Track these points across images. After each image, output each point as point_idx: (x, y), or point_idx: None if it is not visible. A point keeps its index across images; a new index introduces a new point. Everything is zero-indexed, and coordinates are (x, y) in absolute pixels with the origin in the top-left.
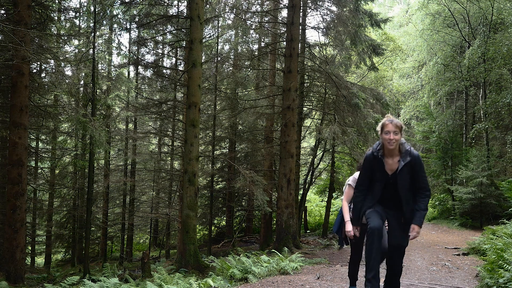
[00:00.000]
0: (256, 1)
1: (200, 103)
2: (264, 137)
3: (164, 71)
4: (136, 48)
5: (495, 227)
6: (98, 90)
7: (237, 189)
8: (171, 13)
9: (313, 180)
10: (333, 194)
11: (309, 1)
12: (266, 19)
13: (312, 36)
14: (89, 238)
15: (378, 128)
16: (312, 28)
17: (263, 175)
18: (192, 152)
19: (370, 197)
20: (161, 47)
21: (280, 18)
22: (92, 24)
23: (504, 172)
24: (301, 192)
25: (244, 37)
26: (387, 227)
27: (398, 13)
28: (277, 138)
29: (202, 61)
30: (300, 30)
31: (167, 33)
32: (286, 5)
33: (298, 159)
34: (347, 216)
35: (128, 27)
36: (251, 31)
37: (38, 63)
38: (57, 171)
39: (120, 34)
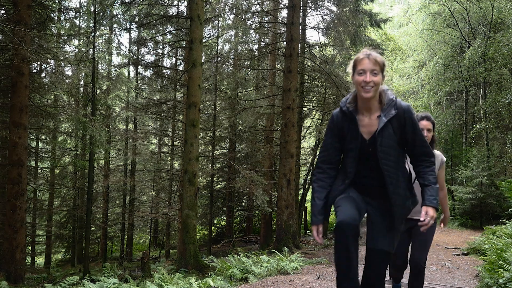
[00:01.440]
0: (256, 1)
1: (200, 103)
2: (264, 137)
3: (164, 71)
4: (136, 48)
5: (495, 227)
6: (98, 90)
7: (237, 189)
8: (171, 13)
9: None
10: None
11: (309, 1)
12: (266, 19)
13: (312, 36)
14: (89, 238)
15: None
16: (312, 28)
17: (263, 175)
18: (192, 152)
19: (341, 178)
20: (161, 47)
21: (280, 18)
22: (92, 24)
23: (504, 172)
24: (301, 192)
25: (244, 37)
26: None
27: (398, 13)
28: (277, 138)
29: (202, 61)
30: (300, 30)
31: (167, 33)
32: (286, 5)
33: (298, 159)
34: None
35: (128, 27)
36: (251, 31)
37: (38, 63)
38: (57, 171)
39: (120, 34)
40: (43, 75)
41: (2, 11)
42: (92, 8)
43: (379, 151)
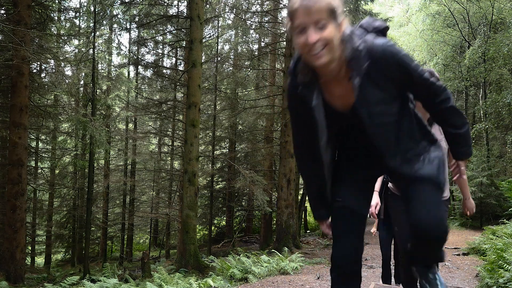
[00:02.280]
0: (256, 1)
1: (200, 103)
2: (264, 137)
3: (164, 71)
4: (136, 48)
5: (495, 227)
6: (98, 90)
7: (237, 189)
8: (171, 13)
9: None
10: None
11: None
12: (266, 19)
13: None
14: (89, 238)
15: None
16: None
17: (263, 175)
18: (192, 152)
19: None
20: (161, 47)
21: (280, 18)
22: (92, 24)
23: (504, 172)
24: (301, 192)
25: (244, 37)
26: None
27: (398, 13)
28: (277, 138)
29: (202, 61)
30: None
31: (167, 33)
32: (286, 5)
33: None
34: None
35: (128, 27)
36: (251, 31)
37: (38, 63)
38: (57, 171)
39: (120, 34)
40: (43, 75)
41: (2, 11)
42: (92, 8)
43: (370, 128)
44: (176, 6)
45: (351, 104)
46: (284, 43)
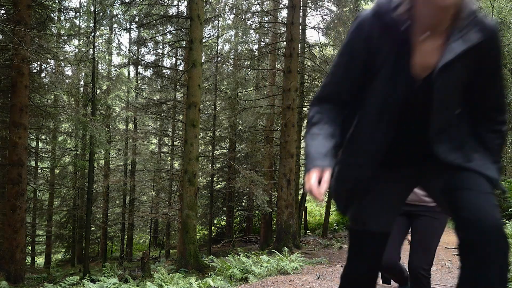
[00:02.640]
0: (256, 1)
1: (200, 103)
2: (264, 137)
3: (164, 71)
4: (136, 48)
5: None
6: (98, 90)
7: (237, 189)
8: (171, 13)
9: None
10: None
11: (309, 1)
12: (266, 19)
13: (312, 36)
14: (89, 238)
15: None
16: (312, 28)
17: (263, 175)
18: (192, 152)
19: (357, 144)
20: (161, 47)
21: (280, 18)
22: (92, 24)
23: (504, 172)
24: (301, 192)
25: (244, 37)
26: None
27: None
28: (277, 138)
29: (202, 61)
30: (300, 30)
31: (167, 33)
32: (286, 5)
33: (298, 159)
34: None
35: (128, 27)
36: (251, 31)
37: (38, 63)
38: (57, 171)
39: (120, 34)
40: (43, 75)
41: (2, 11)
42: (92, 8)
43: (437, 99)
44: (176, 6)
45: (430, 67)
46: (284, 43)
